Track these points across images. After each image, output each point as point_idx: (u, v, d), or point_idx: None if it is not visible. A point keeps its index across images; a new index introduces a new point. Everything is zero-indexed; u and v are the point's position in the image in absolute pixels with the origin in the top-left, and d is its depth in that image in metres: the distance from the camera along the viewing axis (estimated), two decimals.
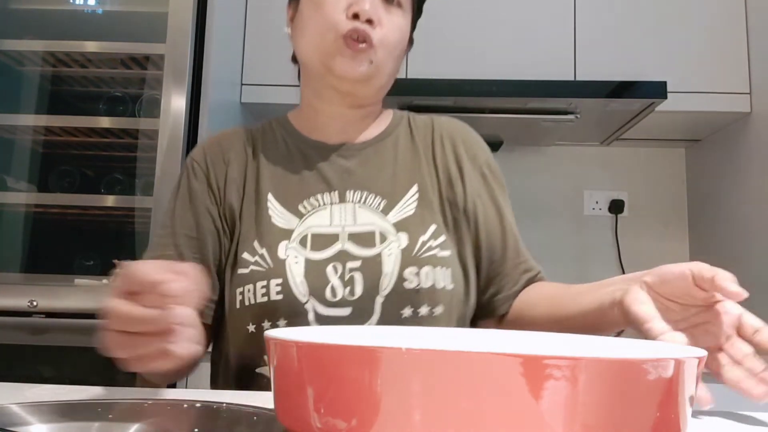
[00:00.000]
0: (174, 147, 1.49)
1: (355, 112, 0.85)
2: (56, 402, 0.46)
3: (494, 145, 2.14)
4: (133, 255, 1.57)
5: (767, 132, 1.70)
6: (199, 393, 0.66)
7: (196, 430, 0.41)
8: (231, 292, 0.75)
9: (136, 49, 1.65)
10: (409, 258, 0.75)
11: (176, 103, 1.51)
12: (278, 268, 0.73)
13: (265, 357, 0.71)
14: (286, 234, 0.75)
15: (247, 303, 0.73)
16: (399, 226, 0.78)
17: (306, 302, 0.72)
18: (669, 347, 0.41)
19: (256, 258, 0.74)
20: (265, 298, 0.72)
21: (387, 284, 0.74)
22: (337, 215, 0.78)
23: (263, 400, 0.57)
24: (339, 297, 0.73)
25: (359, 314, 0.73)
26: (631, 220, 2.13)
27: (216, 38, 1.62)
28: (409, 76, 1.81)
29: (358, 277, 0.74)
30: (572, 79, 1.80)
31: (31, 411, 0.43)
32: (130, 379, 1.41)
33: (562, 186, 2.17)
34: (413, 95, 1.74)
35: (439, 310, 0.75)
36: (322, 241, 0.75)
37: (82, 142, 1.72)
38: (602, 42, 1.82)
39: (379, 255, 0.75)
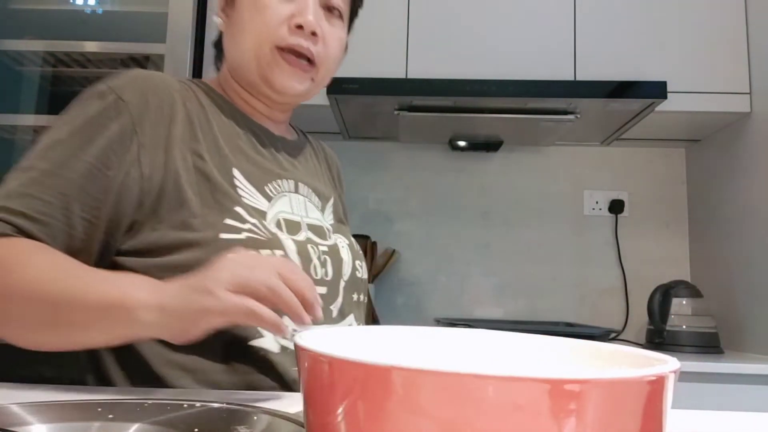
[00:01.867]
0: None
1: (283, 115, 0.89)
2: (56, 402, 0.46)
3: (494, 145, 2.14)
4: None
5: (767, 132, 1.70)
6: (199, 393, 0.66)
7: (196, 430, 0.41)
8: (209, 255, 0.63)
9: (136, 49, 1.65)
10: (354, 252, 0.84)
11: None
12: (276, 241, 0.71)
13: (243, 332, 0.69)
14: (261, 214, 0.73)
15: None
16: (334, 227, 0.86)
17: None
18: (641, 354, 0.41)
19: (249, 226, 0.70)
20: None
21: (346, 271, 0.80)
22: (295, 205, 0.80)
23: (263, 400, 0.57)
24: (319, 276, 0.75)
25: (331, 295, 0.77)
26: (631, 220, 2.13)
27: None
28: (409, 76, 1.81)
29: (329, 261, 0.77)
30: (572, 79, 1.80)
31: (31, 411, 0.43)
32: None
33: (562, 186, 2.17)
34: (413, 95, 1.75)
35: (363, 298, 0.85)
36: (290, 226, 0.76)
37: None
38: (602, 42, 1.82)
39: (336, 245, 0.81)
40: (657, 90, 1.71)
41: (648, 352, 0.38)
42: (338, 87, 1.71)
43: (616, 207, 2.12)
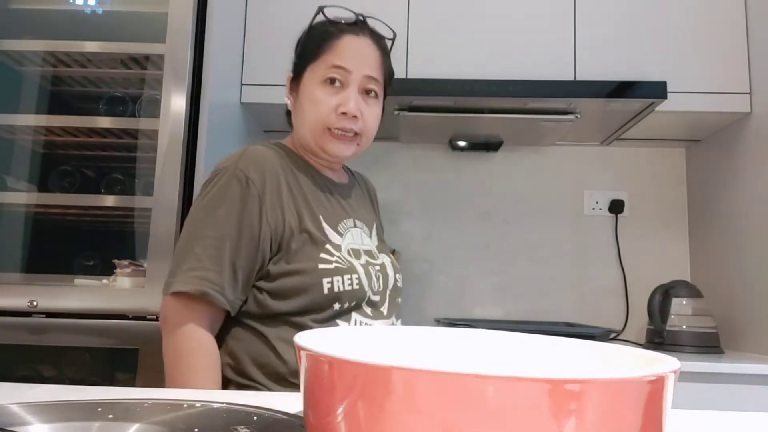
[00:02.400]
0: (174, 147, 1.50)
1: (339, 166, 1.18)
2: (56, 402, 0.46)
3: (494, 146, 2.14)
4: (133, 255, 1.57)
5: (767, 132, 1.70)
6: (199, 393, 0.66)
7: (196, 430, 0.41)
8: (313, 280, 0.96)
9: (136, 49, 1.65)
10: (395, 267, 1.14)
11: (176, 103, 1.51)
12: (353, 268, 1.00)
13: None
14: (338, 248, 1.01)
15: (336, 289, 0.97)
16: (379, 248, 1.13)
17: (366, 290, 1.01)
18: (641, 354, 0.41)
19: (336, 257, 0.99)
20: (350, 287, 0.98)
21: (391, 283, 1.09)
22: (356, 236, 1.08)
23: (263, 400, 0.57)
24: (375, 288, 1.04)
25: (382, 300, 1.06)
26: (631, 220, 2.13)
27: (216, 38, 1.62)
28: (409, 76, 1.81)
29: (381, 276, 1.06)
30: (572, 79, 1.80)
31: (31, 411, 0.43)
32: (130, 379, 1.41)
33: (562, 186, 2.17)
34: (413, 95, 1.75)
35: (399, 300, 1.14)
36: (356, 253, 1.04)
37: (82, 142, 1.72)
38: (602, 42, 1.82)
39: (384, 264, 1.09)
40: (657, 90, 1.71)
41: (648, 352, 0.38)
42: None
43: (616, 207, 2.12)
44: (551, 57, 1.82)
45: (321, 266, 0.97)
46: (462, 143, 2.13)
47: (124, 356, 1.43)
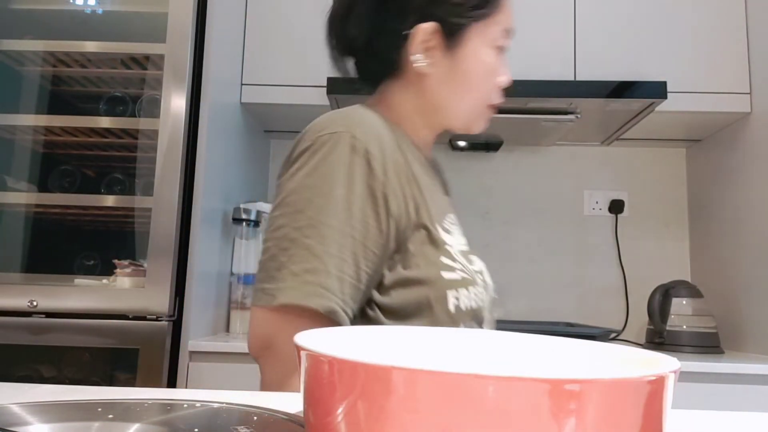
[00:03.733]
0: (174, 147, 1.50)
1: None
2: (56, 402, 0.46)
3: (494, 145, 2.14)
4: (133, 255, 1.57)
5: (767, 132, 1.70)
6: (199, 393, 0.66)
7: (196, 430, 0.41)
8: (437, 293, 0.73)
9: (136, 49, 1.65)
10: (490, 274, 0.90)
11: (176, 103, 1.51)
12: (474, 279, 0.79)
13: None
14: (450, 247, 0.78)
15: (463, 307, 0.75)
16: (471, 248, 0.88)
17: (485, 310, 0.82)
18: (641, 354, 0.41)
19: (459, 264, 0.77)
20: (474, 304, 0.77)
21: (491, 293, 0.88)
22: (459, 234, 0.84)
23: (263, 400, 0.57)
24: (486, 305, 0.84)
25: (488, 321, 0.85)
26: (631, 220, 2.13)
27: (216, 38, 1.62)
28: None
29: (485, 288, 0.84)
30: (572, 79, 1.80)
31: (31, 411, 0.43)
32: (130, 379, 1.41)
33: (562, 186, 2.17)
34: None
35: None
36: (466, 257, 0.81)
37: (82, 142, 1.72)
38: (602, 42, 1.82)
39: (482, 270, 0.86)
40: (657, 90, 1.71)
41: (648, 352, 0.38)
42: (338, 87, 1.71)
43: (616, 207, 2.12)
44: (551, 57, 1.82)
45: (445, 275, 0.74)
46: (462, 143, 2.13)
47: (124, 356, 1.43)
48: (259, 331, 0.69)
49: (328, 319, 0.66)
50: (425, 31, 0.79)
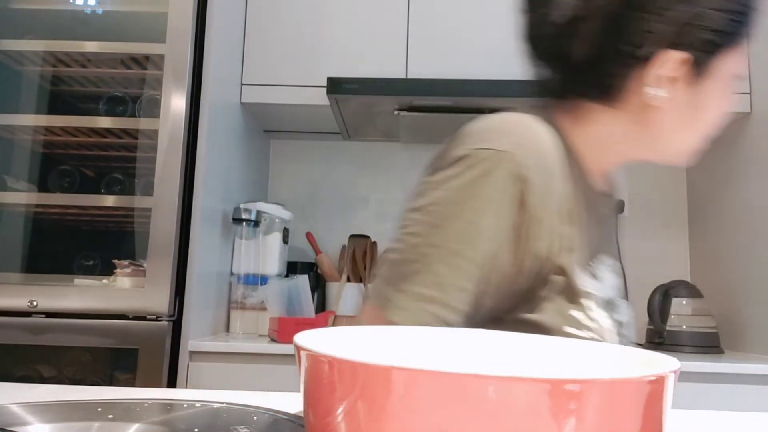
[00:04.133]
0: (174, 147, 1.50)
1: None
2: (56, 402, 0.46)
3: None
4: (133, 255, 1.57)
5: (767, 132, 1.70)
6: (199, 393, 0.66)
7: (196, 430, 0.41)
8: None
9: (136, 49, 1.65)
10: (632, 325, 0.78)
11: (176, 103, 1.51)
12: (608, 336, 0.71)
13: None
14: (589, 296, 0.69)
15: None
16: (619, 290, 0.79)
17: None
18: (641, 354, 0.41)
19: (594, 322, 0.69)
20: None
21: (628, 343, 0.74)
22: (607, 279, 0.75)
23: (263, 400, 0.57)
24: None
25: None
26: (631, 220, 2.13)
27: (216, 38, 1.62)
28: (409, 76, 1.81)
29: (628, 336, 0.77)
30: None
31: (31, 411, 0.43)
32: (130, 379, 1.41)
33: None
34: (413, 95, 1.75)
35: None
36: (607, 306, 0.73)
37: (82, 142, 1.72)
38: None
39: (623, 324, 0.77)
40: None
41: (648, 352, 0.38)
42: (338, 87, 1.72)
43: (615, 207, 2.12)
44: None
45: (569, 330, 0.66)
46: None
47: (124, 356, 1.43)
48: (366, 324, 0.65)
49: None
50: (675, 60, 0.68)
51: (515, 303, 0.67)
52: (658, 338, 1.76)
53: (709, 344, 1.70)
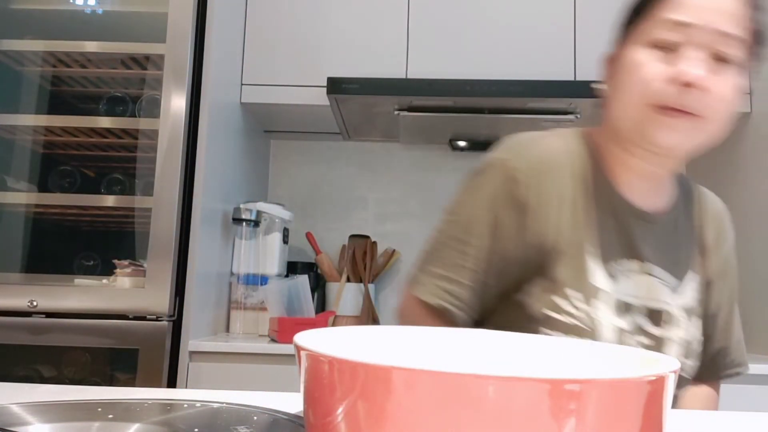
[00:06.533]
0: (174, 147, 1.50)
1: (663, 173, 0.83)
2: (56, 402, 0.46)
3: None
4: (133, 255, 1.57)
5: (767, 132, 1.70)
6: (199, 393, 0.66)
7: (196, 430, 0.41)
8: (530, 327, 0.76)
9: (136, 49, 1.65)
10: (688, 349, 0.80)
11: (176, 103, 1.51)
12: (597, 334, 0.75)
13: None
14: (601, 295, 0.76)
15: None
16: (687, 312, 0.81)
17: None
18: (641, 354, 0.41)
19: (576, 312, 0.75)
20: None
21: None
22: (643, 286, 0.78)
23: (263, 400, 0.57)
24: None
25: None
26: None
27: (216, 38, 1.62)
28: (409, 76, 1.81)
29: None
30: (572, 79, 1.80)
31: (31, 411, 0.43)
32: (130, 379, 1.41)
33: None
34: (413, 95, 1.75)
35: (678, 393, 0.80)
36: (625, 309, 0.77)
37: (82, 142, 1.72)
38: (602, 42, 1.81)
39: (664, 338, 0.79)
40: None
41: (648, 352, 0.38)
42: (338, 87, 1.72)
43: None
44: (551, 57, 1.81)
45: (548, 312, 0.75)
46: (462, 143, 2.13)
47: (124, 356, 1.43)
48: (402, 305, 0.85)
49: (442, 315, 0.78)
50: (604, 58, 0.89)
51: (517, 284, 0.78)
52: None
53: None
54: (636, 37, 0.77)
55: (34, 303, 1.45)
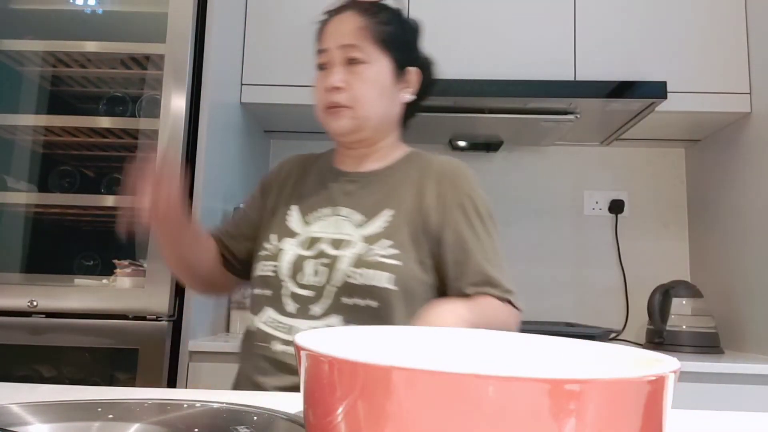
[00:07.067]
0: (174, 147, 1.50)
1: (365, 150, 1.11)
2: (56, 402, 0.46)
3: (494, 146, 2.14)
4: (133, 255, 1.57)
5: (767, 132, 1.70)
6: (199, 393, 0.66)
7: (196, 430, 0.41)
8: (254, 264, 1.07)
9: (136, 49, 1.65)
10: (359, 261, 0.97)
11: (176, 103, 1.51)
12: (276, 256, 1.03)
13: (253, 315, 1.05)
14: (293, 234, 1.05)
15: (255, 274, 1.05)
16: (367, 238, 1.00)
17: (283, 281, 1.00)
18: (641, 354, 0.41)
19: (270, 246, 1.05)
20: (264, 273, 1.03)
21: (338, 278, 0.97)
22: (331, 225, 1.04)
23: (263, 400, 0.57)
24: (305, 282, 0.99)
25: (317, 297, 0.98)
26: (631, 220, 2.13)
27: (216, 38, 1.62)
28: None
29: (323, 270, 0.98)
30: (572, 79, 1.80)
31: (31, 411, 0.43)
32: (130, 379, 1.41)
33: (562, 186, 2.17)
34: None
35: (373, 303, 0.95)
36: (312, 242, 1.03)
37: (82, 142, 1.72)
38: (602, 42, 1.82)
39: (337, 257, 0.99)
40: (657, 90, 1.71)
41: (648, 352, 0.38)
42: None
43: (616, 207, 2.12)
44: (551, 57, 1.82)
45: (261, 252, 1.06)
46: (462, 143, 2.13)
47: (124, 356, 1.43)
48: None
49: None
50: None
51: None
52: (658, 338, 1.76)
53: (708, 344, 1.70)
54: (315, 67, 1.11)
55: (34, 303, 1.45)
